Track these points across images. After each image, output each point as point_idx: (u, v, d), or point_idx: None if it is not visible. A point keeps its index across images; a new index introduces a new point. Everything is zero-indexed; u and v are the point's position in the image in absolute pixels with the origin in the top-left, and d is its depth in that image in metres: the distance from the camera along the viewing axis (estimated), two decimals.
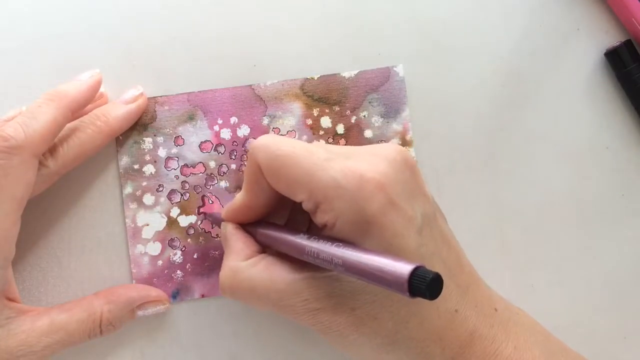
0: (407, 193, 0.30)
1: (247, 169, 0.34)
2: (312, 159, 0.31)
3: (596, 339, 0.41)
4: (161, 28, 0.40)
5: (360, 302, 0.31)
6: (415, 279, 0.24)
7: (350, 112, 0.41)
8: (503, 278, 0.33)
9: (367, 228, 0.29)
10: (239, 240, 0.35)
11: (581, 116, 0.42)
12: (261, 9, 0.41)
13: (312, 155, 0.31)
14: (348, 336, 0.31)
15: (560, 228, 0.42)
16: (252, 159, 0.33)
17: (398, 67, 0.41)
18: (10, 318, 0.35)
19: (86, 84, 0.37)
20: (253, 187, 0.34)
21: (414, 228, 0.30)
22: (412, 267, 0.25)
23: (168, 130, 0.40)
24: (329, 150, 0.32)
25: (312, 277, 0.31)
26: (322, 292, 0.31)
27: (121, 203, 0.40)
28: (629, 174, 0.42)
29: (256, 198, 0.34)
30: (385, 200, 0.29)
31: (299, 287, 0.31)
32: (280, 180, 0.32)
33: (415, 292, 0.24)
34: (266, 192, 0.33)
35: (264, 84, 0.41)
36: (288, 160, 0.31)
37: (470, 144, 0.41)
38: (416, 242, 0.30)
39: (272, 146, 0.32)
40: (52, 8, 0.40)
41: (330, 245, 0.29)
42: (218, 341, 0.40)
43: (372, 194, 0.29)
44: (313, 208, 0.31)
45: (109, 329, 0.37)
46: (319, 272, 0.31)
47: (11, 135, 0.33)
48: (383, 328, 0.31)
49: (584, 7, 0.42)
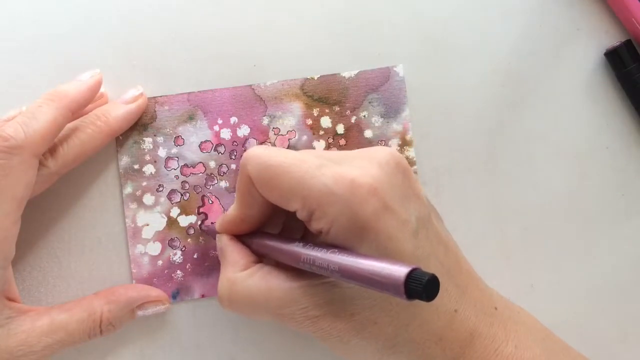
0: (400, 196, 0.30)
1: (239, 181, 0.34)
2: (303, 167, 0.31)
3: (596, 338, 0.41)
4: (161, 28, 0.40)
5: (360, 308, 0.30)
6: (412, 281, 0.24)
7: (350, 112, 0.41)
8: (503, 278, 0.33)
9: (362, 233, 0.29)
10: (235, 251, 0.35)
11: (581, 116, 0.42)
12: (261, 9, 0.41)
13: (303, 163, 0.31)
14: (349, 342, 0.31)
15: (560, 228, 0.42)
16: (243, 171, 0.33)
17: (398, 67, 0.41)
18: (11, 318, 0.34)
19: (86, 84, 0.37)
20: (245, 198, 0.34)
21: (409, 231, 0.30)
22: (407, 269, 0.25)
23: (168, 130, 0.40)
24: (320, 156, 0.32)
25: (309, 285, 0.31)
26: (321, 299, 0.31)
27: (121, 203, 0.40)
28: (629, 174, 0.42)
29: (249, 209, 0.34)
30: (378, 205, 0.29)
31: (296, 295, 0.31)
32: (272, 191, 0.32)
33: (412, 294, 0.24)
34: (259, 203, 0.33)
35: (264, 84, 0.41)
36: (279, 170, 0.31)
37: (470, 144, 0.41)
38: (412, 245, 0.30)
39: (262, 157, 0.32)
40: (52, 8, 0.40)
41: (326, 251, 0.29)
42: (218, 341, 0.40)
43: (365, 199, 0.29)
44: (307, 216, 0.31)
45: (109, 329, 0.37)
46: (316, 279, 0.31)
47: (11, 135, 0.33)
48: (383, 332, 0.31)
49: (584, 7, 0.42)
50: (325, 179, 0.30)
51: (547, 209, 0.42)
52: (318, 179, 0.30)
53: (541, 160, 0.42)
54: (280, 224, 0.37)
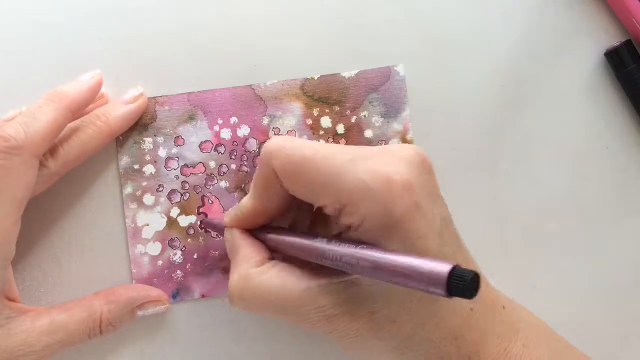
0: (428, 195, 0.30)
1: (259, 174, 0.33)
2: (336, 162, 0.30)
3: (596, 338, 0.41)
4: (161, 28, 0.40)
5: (379, 306, 0.30)
6: (453, 278, 0.24)
7: (350, 112, 0.41)
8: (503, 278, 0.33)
9: (393, 230, 0.29)
10: (248, 246, 0.34)
11: (581, 116, 0.42)
12: (261, 9, 0.41)
13: (334, 157, 0.30)
14: (365, 342, 0.31)
15: (560, 228, 0.42)
16: (266, 164, 0.32)
17: (398, 67, 0.41)
18: (11, 318, 0.34)
19: (86, 85, 0.37)
20: (264, 191, 0.33)
21: (435, 230, 0.30)
22: (450, 266, 0.25)
23: (168, 130, 0.40)
24: (347, 151, 0.31)
25: (326, 284, 0.31)
26: (340, 298, 0.30)
27: (121, 203, 0.40)
28: (629, 174, 0.42)
29: (268, 203, 0.34)
30: (411, 202, 0.29)
31: (314, 294, 0.31)
32: (301, 185, 0.31)
33: (454, 291, 0.24)
34: (279, 196, 0.33)
35: (264, 84, 0.41)
36: (309, 164, 0.30)
37: (470, 144, 0.41)
38: (437, 244, 0.30)
39: (290, 150, 0.31)
40: (51, 8, 0.40)
41: (355, 247, 0.29)
42: (218, 341, 0.40)
43: (400, 196, 0.29)
44: (336, 211, 0.30)
45: (109, 329, 0.37)
46: (335, 277, 0.31)
47: (12, 135, 0.33)
48: (401, 331, 0.30)
49: (584, 7, 0.42)
50: (361, 174, 0.29)
51: (547, 208, 0.42)
52: (353, 174, 0.29)
53: (541, 160, 0.42)
54: (291, 217, 0.37)
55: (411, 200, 0.29)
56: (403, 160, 0.30)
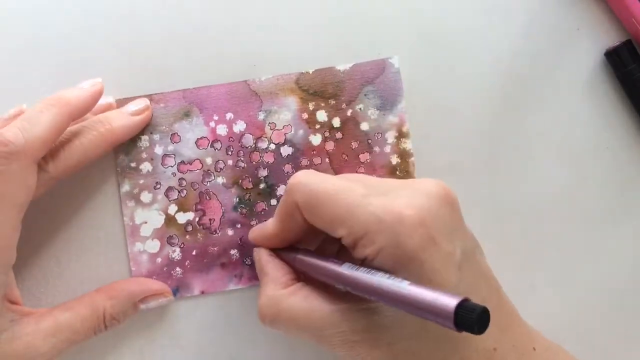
0: (447, 228, 0.30)
1: (283, 204, 0.34)
2: (351, 196, 0.31)
3: (596, 339, 0.42)
4: (155, 25, 0.40)
5: (397, 337, 0.30)
6: (462, 312, 0.25)
7: (346, 105, 0.41)
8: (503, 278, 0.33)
9: (407, 263, 0.29)
10: (276, 267, 0.35)
11: (581, 116, 0.42)
12: (255, 5, 0.40)
13: (350, 192, 0.31)
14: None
15: (560, 228, 0.42)
16: (289, 197, 0.33)
17: (393, 59, 0.41)
18: (14, 321, 0.35)
19: (87, 92, 0.37)
20: (287, 219, 0.34)
21: (454, 264, 0.30)
22: (458, 300, 0.25)
23: (164, 128, 0.40)
24: (366, 184, 0.32)
25: (349, 309, 0.31)
26: (359, 325, 0.31)
27: (119, 201, 0.40)
28: (629, 174, 0.42)
29: (289, 230, 0.35)
30: (425, 236, 0.29)
31: (336, 318, 0.31)
32: (319, 218, 0.32)
33: (462, 325, 0.25)
34: (300, 225, 0.34)
35: (258, 79, 0.40)
36: (327, 198, 0.32)
37: (470, 144, 0.41)
38: (455, 278, 0.30)
39: (310, 184, 0.32)
40: (51, 8, 0.40)
41: (373, 275, 0.29)
42: (218, 339, 0.40)
43: (413, 229, 0.29)
44: (352, 243, 0.31)
45: (113, 324, 0.37)
46: (357, 304, 0.31)
47: (11, 140, 0.33)
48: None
49: (584, 7, 0.42)
50: (374, 209, 0.30)
51: (547, 208, 0.42)
52: (366, 208, 0.30)
53: (541, 160, 0.42)
54: (318, 242, 0.38)
55: (425, 234, 0.29)
56: (423, 193, 0.31)
